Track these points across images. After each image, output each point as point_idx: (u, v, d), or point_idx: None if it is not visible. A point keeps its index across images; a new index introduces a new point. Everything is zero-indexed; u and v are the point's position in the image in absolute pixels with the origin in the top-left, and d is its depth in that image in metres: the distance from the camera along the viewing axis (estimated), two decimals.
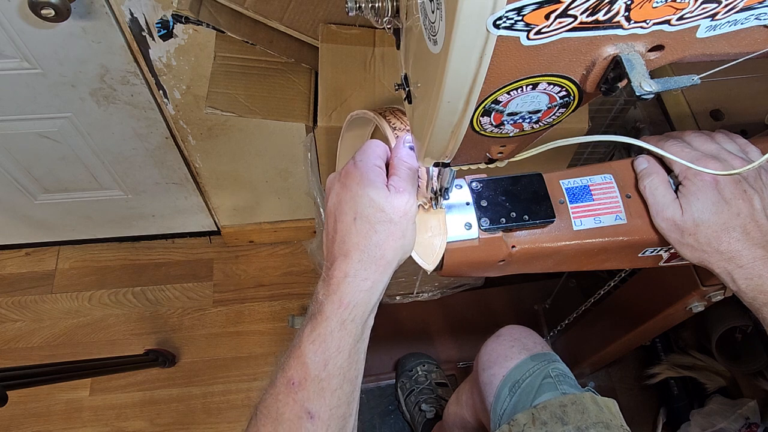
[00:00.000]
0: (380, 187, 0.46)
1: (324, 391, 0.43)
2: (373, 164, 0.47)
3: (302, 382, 0.43)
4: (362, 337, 0.46)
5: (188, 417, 1.41)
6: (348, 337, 0.44)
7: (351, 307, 0.44)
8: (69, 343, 1.49)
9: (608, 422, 0.69)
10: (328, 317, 0.44)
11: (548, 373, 0.77)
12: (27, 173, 1.26)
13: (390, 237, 0.45)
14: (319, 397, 0.43)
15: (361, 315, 0.45)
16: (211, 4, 0.83)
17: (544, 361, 0.79)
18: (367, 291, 0.45)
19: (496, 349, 0.84)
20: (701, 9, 0.30)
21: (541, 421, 0.70)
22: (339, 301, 0.44)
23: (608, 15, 0.29)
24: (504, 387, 0.78)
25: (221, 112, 0.86)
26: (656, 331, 1.02)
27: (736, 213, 0.51)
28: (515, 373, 0.78)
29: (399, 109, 0.54)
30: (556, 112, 0.37)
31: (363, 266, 0.45)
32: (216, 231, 1.60)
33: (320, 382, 0.43)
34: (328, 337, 0.43)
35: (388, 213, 0.45)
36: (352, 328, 0.44)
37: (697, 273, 0.82)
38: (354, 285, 0.44)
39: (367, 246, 0.45)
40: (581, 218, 0.57)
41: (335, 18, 0.84)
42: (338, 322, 0.44)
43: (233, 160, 1.25)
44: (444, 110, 0.34)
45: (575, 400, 0.71)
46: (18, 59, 0.94)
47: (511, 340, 0.84)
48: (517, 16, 0.27)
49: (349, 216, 0.45)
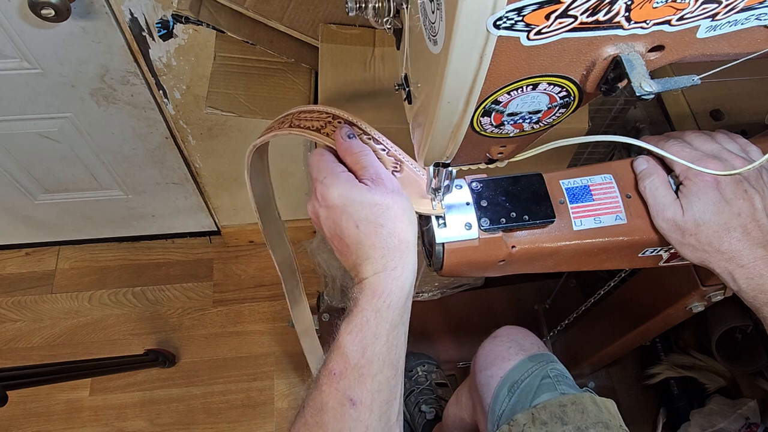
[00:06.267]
0: (359, 187, 0.47)
1: (364, 377, 0.44)
2: (337, 172, 0.48)
3: (343, 372, 0.44)
4: (401, 321, 0.47)
5: (188, 417, 1.41)
6: (385, 323, 0.45)
7: (385, 295, 0.45)
8: (69, 343, 1.49)
9: (607, 422, 0.69)
10: (363, 308, 0.45)
11: (547, 374, 0.77)
12: (27, 173, 1.26)
13: (396, 221, 0.46)
14: (360, 384, 0.44)
15: (396, 301, 0.45)
16: (211, 4, 0.83)
17: (542, 361, 0.79)
18: (399, 277, 0.46)
19: (494, 350, 0.84)
20: (701, 9, 0.30)
21: (541, 421, 0.70)
22: (372, 293, 0.45)
23: (608, 15, 0.29)
24: (503, 387, 0.78)
25: (221, 112, 0.86)
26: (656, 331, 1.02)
27: (737, 213, 0.51)
28: (514, 374, 0.78)
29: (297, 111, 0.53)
30: (556, 113, 0.37)
31: (388, 259, 0.46)
32: (216, 231, 1.60)
33: (360, 369, 0.44)
34: (364, 326, 0.44)
35: (381, 202, 0.46)
36: (388, 314, 0.45)
37: (697, 273, 0.82)
38: (385, 276, 0.45)
39: (383, 240, 0.46)
40: (581, 218, 0.57)
41: (335, 18, 0.84)
42: (373, 311, 0.45)
43: (233, 160, 1.25)
44: (444, 110, 0.34)
45: (575, 400, 0.71)
46: (18, 59, 0.94)
47: (509, 341, 0.84)
48: (518, 17, 0.27)
49: (351, 227, 0.46)
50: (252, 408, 1.42)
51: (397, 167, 0.52)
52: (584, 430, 0.68)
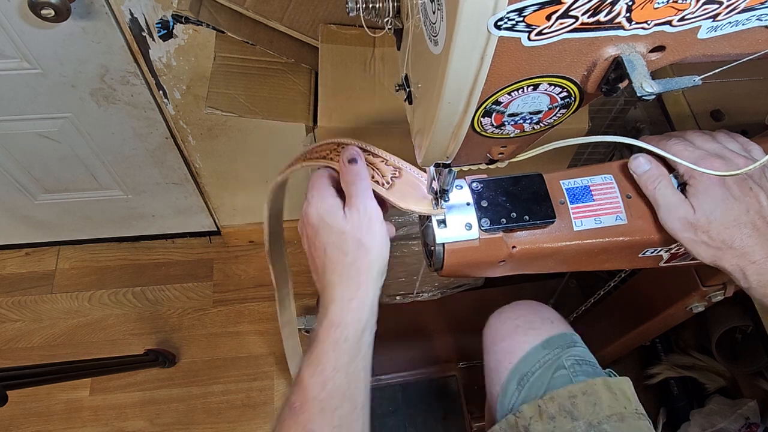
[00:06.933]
0: (336, 213, 0.48)
1: (324, 411, 0.44)
2: (324, 194, 0.49)
3: (303, 405, 0.44)
4: (359, 355, 0.46)
5: (188, 417, 1.41)
6: (344, 356, 0.45)
7: (342, 327, 0.45)
8: (69, 343, 1.49)
9: (622, 413, 0.66)
10: (321, 340, 0.45)
11: (562, 364, 0.72)
12: (27, 173, 1.26)
13: (361, 252, 0.47)
14: (321, 418, 0.44)
15: (353, 333, 0.46)
16: (211, 4, 0.83)
17: (558, 347, 0.74)
18: (355, 309, 0.46)
19: (499, 329, 0.79)
20: (703, 10, 0.30)
21: (548, 414, 0.66)
22: (330, 324, 0.45)
23: (609, 16, 0.29)
24: (512, 380, 0.73)
25: (221, 112, 0.86)
26: (656, 331, 1.02)
27: (745, 209, 0.51)
28: (523, 365, 0.73)
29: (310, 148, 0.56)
30: (557, 113, 0.37)
31: (345, 288, 0.46)
32: (216, 231, 1.60)
33: (320, 402, 0.44)
34: (323, 359, 0.45)
35: (349, 232, 0.47)
36: (346, 347, 0.45)
37: (697, 273, 0.82)
38: (341, 306, 0.46)
39: (343, 269, 0.47)
40: (582, 218, 0.57)
41: (335, 18, 0.84)
42: (331, 343, 0.45)
43: (233, 160, 1.24)
44: (445, 111, 0.34)
45: (586, 390, 0.68)
46: (18, 59, 0.94)
47: (515, 317, 0.79)
48: (519, 17, 0.27)
49: (320, 249, 0.48)
50: (252, 408, 1.42)
51: (396, 174, 0.53)
52: (596, 426, 0.65)
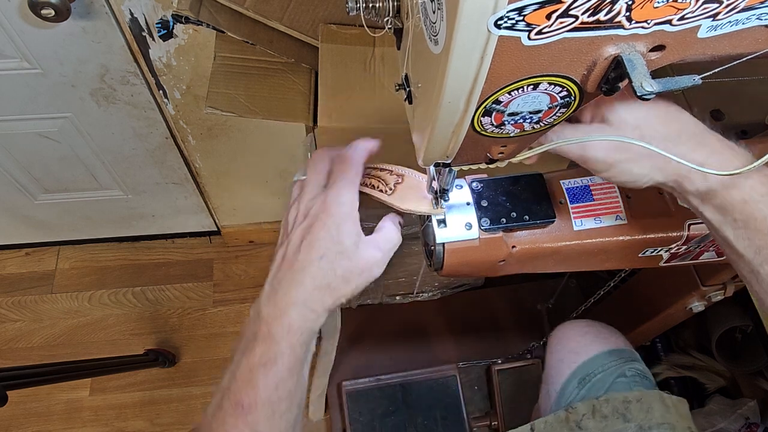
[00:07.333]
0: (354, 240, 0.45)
1: (274, 414, 0.43)
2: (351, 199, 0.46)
3: (252, 405, 0.42)
4: (306, 362, 0.46)
5: (188, 417, 1.41)
6: (297, 362, 0.44)
7: (300, 333, 0.44)
8: (69, 343, 1.49)
9: (674, 424, 0.66)
10: (278, 341, 0.43)
11: (623, 372, 0.73)
12: (27, 173, 1.26)
13: (347, 282, 0.45)
14: (270, 421, 0.43)
15: (306, 340, 0.45)
16: (211, 4, 0.83)
17: (621, 359, 0.75)
18: (314, 320, 0.45)
19: (567, 333, 0.81)
20: (702, 9, 0.30)
21: (601, 414, 0.67)
22: (289, 326, 0.44)
23: (609, 15, 0.29)
24: (573, 379, 0.75)
25: (221, 112, 0.86)
26: (656, 331, 1.02)
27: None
28: (586, 367, 0.75)
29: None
30: (557, 113, 0.37)
31: (315, 298, 0.44)
32: (216, 231, 1.60)
33: (271, 405, 0.43)
34: (278, 360, 0.43)
35: (355, 264, 0.45)
36: (300, 352, 0.44)
37: (697, 273, 0.82)
38: (303, 313, 0.44)
39: (323, 284, 0.44)
40: (581, 218, 0.57)
41: (335, 18, 0.84)
42: (288, 346, 0.43)
43: (233, 160, 1.24)
44: (445, 110, 0.34)
45: (641, 397, 0.68)
46: (18, 59, 0.94)
47: (586, 326, 0.82)
48: (519, 16, 0.27)
49: (315, 253, 0.44)
50: None
51: (399, 180, 0.53)
52: (647, 430, 0.65)
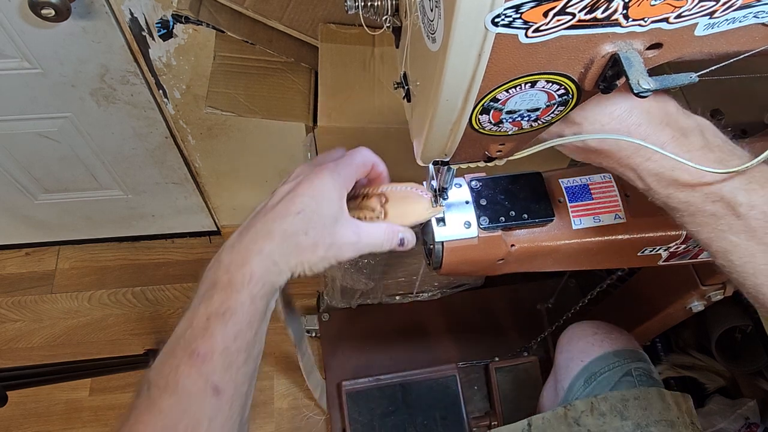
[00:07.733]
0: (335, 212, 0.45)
1: (231, 365, 0.41)
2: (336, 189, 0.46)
3: (208, 354, 0.40)
4: (265, 318, 0.45)
5: None
6: (256, 314, 0.43)
7: (261, 284, 0.43)
8: (69, 343, 1.49)
9: (672, 420, 0.67)
10: (239, 290, 0.42)
11: (629, 372, 0.74)
12: (27, 173, 1.26)
13: (314, 248, 0.45)
14: (226, 372, 0.41)
15: (267, 294, 0.44)
16: (211, 3, 0.83)
17: (628, 358, 0.76)
18: (276, 274, 0.44)
19: (577, 331, 0.82)
20: (699, 7, 0.30)
21: (599, 411, 0.68)
22: (251, 275, 0.42)
23: (606, 13, 0.29)
24: (580, 378, 0.76)
25: (221, 111, 0.86)
26: (656, 330, 1.02)
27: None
28: (593, 366, 0.76)
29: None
30: (554, 111, 0.37)
31: (280, 252, 0.44)
32: (216, 231, 1.60)
33: (229, 356, 0.41)
34: (239, 309, 0.42)
35: (328, 233, 0.45)
36: (260, 305, 0.43)
37: (697, 272, 0.82)
38: (266, 264, 0.43)
39: (292, 241, 0.44)
40: (580, 217, 0.57)
41: (334, 17, 0.85)
42: (249, 296, 0.42)
43: (233, 160, 1.25)
44: (443, 108, 0.34)
45: (639, 395, 0.69)
46: (18, 59, 0.94)
47: (596, 327, 0.83)
48: (516, 14, 0.27)
49: (294, 207, 0.44)
50: (252, 408, 1.42)
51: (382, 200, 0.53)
52: (644, 427, 0.66)
